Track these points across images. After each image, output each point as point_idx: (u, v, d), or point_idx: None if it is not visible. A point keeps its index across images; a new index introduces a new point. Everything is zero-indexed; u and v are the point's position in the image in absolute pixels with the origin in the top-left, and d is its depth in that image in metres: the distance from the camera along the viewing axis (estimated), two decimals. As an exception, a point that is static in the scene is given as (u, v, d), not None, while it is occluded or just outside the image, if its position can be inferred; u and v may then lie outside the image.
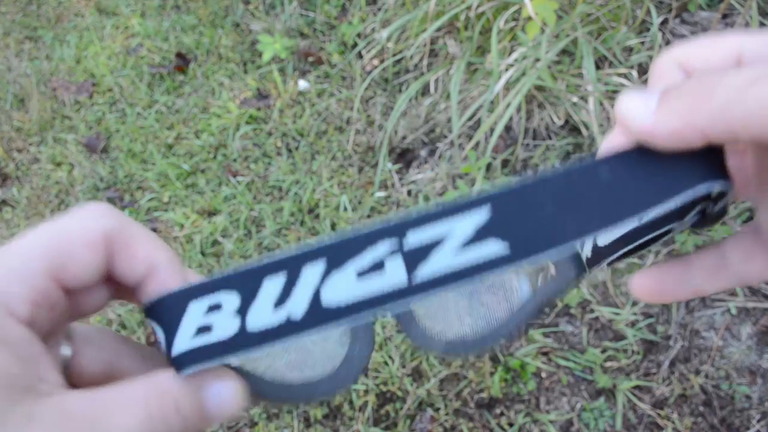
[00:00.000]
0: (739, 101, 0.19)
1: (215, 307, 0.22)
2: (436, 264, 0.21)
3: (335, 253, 0.22)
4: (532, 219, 0.21)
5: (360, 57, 1.82)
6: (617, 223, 0.21)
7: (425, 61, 1.67)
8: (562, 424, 1.15)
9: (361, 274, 0.22)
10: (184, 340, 0.22)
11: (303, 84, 1.79)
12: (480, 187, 1.34)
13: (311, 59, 1.85)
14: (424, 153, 1.58)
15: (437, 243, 0.21)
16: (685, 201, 0.21)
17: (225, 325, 0.22)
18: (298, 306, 0.22)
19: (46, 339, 0.22)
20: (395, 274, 0.21)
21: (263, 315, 0.22)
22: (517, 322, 0.28)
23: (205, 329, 0.22)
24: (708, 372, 1.18)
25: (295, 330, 0.22)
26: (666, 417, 1.14)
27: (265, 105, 1.76)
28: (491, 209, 0.21)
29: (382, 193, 1.52)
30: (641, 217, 0.21)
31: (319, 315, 0.22)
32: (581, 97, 1.46)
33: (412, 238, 0.21)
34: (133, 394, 0.21)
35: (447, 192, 1.43)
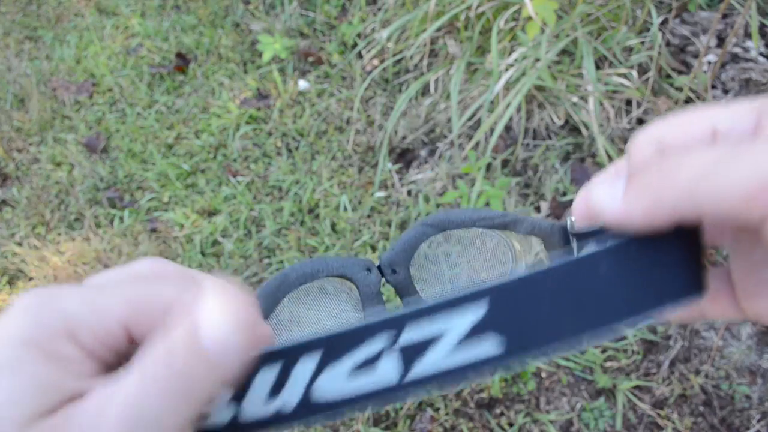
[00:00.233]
0: (705, 180, 0.19)
1: None
2: (430, 363, 0.21)
3: (332, 346, 0.22)
4: (528, 316, 0.21)
5: (360, 57, 1.82)
6: (612, 327, 0.21)
7: (425, 61, 1.67)
8: (562, 424, 1.15)
9: (355, 369, 0.22)
10: None
11: (303, 84, 1.79)
12: (480, 188, 1.34)
13: (311, 59, 1.85)
14: (424, 153, 1.58)
15: (433, 340, 0.21)
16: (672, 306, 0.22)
17: (219, 413, 0.22)
18: (290, 398, 0.22)
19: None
20: (388, 371, 0.21)
21: (257, 405, 0.22)
22: None
23: (201, 417, 0.22)
24: (708, 372, 1.18)
25: (285, 421, 0.22)
26: (666, 417, 1.14)
27: (265, 105, 1.76)
28: (489, 304, 0.21)
29: (382, 193, 1.52)
30: (634, 323, 0.22)
31: (309, 409, 0.22)
32: (581, 97, 1.46)
33: (408, 334, 0.21)
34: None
35: (447, 192, 1.43)
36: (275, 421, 0.22)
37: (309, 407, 0.22)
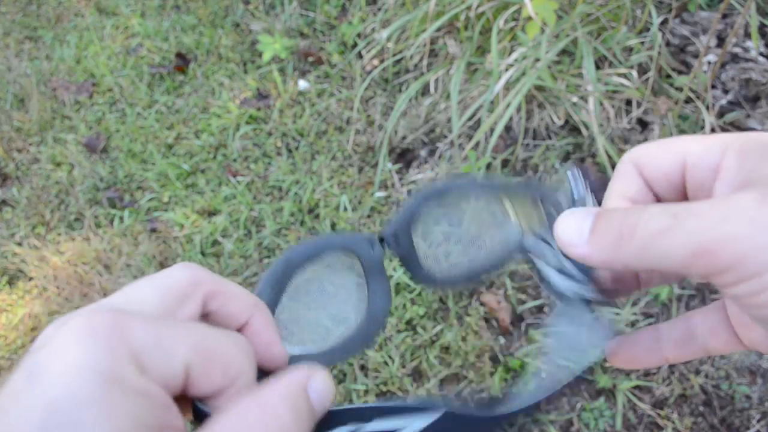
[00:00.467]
0: (653, 244, 0.22)
1: None
2: None
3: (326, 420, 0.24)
4: None
5: (360, 57, 1.82)
6: None
7: (425, 61, 1.67)
8: (562, 424, 1.15)
9: None
10: None
11: (303, 84, 1.79)
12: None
13: (311, 59, 1.85)
14: (424, 153, 1.58)
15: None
16: None
17: None
18: None
19: None
20: None
21: None
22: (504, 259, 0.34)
23: None
24: (708, 372, 1.18)
25: None
26: (666, 417, 1.14)
27: (265, 105, 1.76)
28: (441, 415, 0.25)
29: (382, 193, 1.52)
30: None
31: None
32: (581, 97, 1.46)
33: (373, 424, 0.24)
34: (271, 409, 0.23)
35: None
36: None
37: None
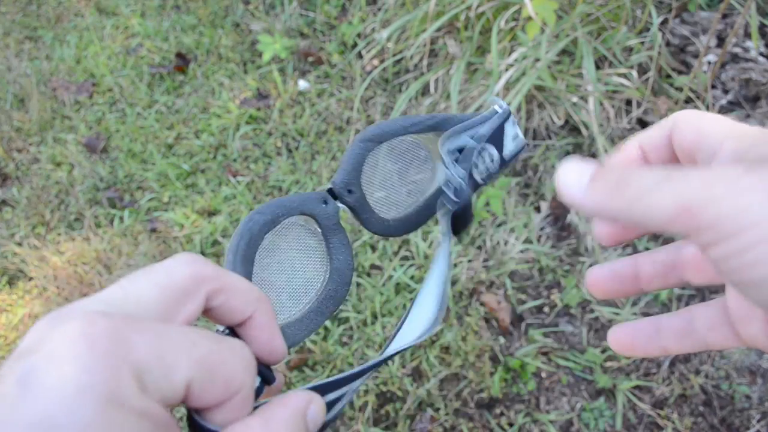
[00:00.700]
0: (640, 201, 0.23)
1: None
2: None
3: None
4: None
5: (360, 57, 1.82)
6: None
7: (425, 61, 1.67)
8: (562, 424, 1.15)
9: None
10: None
11: (303, 84, 1.79)
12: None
13: (311, 59, 1.85)
14: (424, 153, 1.58)
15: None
16: None
17: None
18: None
19: None
20: None
21: None
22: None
23: None
24: (708, 372, 1.18)
25: None
26: (666, 417, 1.14)
27: (265, 105, 1.76)
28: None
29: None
30: None
31: None
32: (581, 97, 1.46)
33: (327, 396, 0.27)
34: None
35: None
36: None
37: None
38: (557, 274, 1.34)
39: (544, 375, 1.21)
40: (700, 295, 1.27)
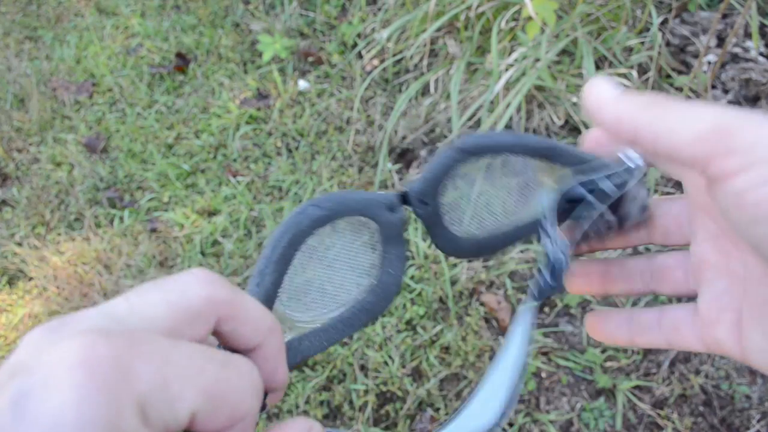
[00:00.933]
0: (672, 115, 0.24)
1: None
2: None
3: None
4: None
5: (360, 57, 1.82)
6: None
7: (425, 61, 1.67)
8: (562, 424, 1.15)
9: None
10: None
11: (303, 84, 1.79)
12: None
13: (311, 59, 1.85)
14: (424, 153, 1.58)
15: None
16: None
17: None
18: None
19: None
20: None
21: None
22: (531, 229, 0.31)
23: None
24: (708, 372, 1.18)
25: None
26: (666, 417, 1.14)
27: (265, 105, 1.76)
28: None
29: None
30: None
31: None
32: (581, 97, 1.46)
33: None
34: None
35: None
36: None
37: None
38: (557, 274, 1.34)
39: (544, 375, 1.21)
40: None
